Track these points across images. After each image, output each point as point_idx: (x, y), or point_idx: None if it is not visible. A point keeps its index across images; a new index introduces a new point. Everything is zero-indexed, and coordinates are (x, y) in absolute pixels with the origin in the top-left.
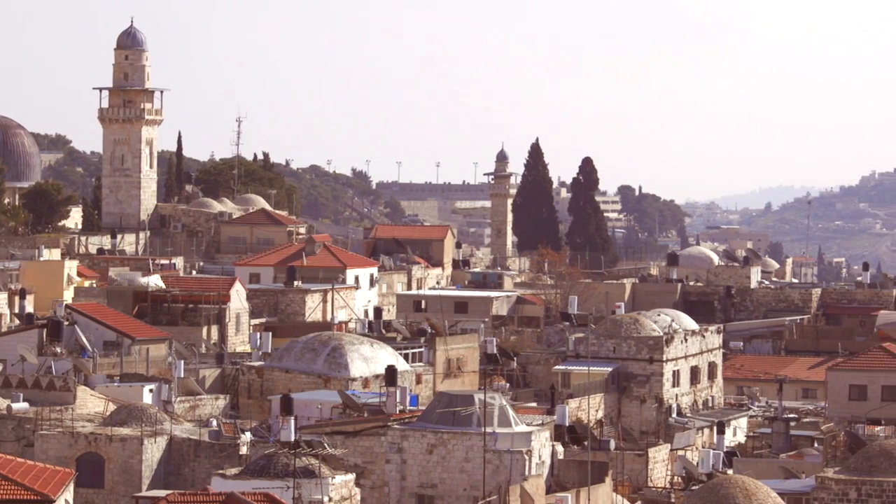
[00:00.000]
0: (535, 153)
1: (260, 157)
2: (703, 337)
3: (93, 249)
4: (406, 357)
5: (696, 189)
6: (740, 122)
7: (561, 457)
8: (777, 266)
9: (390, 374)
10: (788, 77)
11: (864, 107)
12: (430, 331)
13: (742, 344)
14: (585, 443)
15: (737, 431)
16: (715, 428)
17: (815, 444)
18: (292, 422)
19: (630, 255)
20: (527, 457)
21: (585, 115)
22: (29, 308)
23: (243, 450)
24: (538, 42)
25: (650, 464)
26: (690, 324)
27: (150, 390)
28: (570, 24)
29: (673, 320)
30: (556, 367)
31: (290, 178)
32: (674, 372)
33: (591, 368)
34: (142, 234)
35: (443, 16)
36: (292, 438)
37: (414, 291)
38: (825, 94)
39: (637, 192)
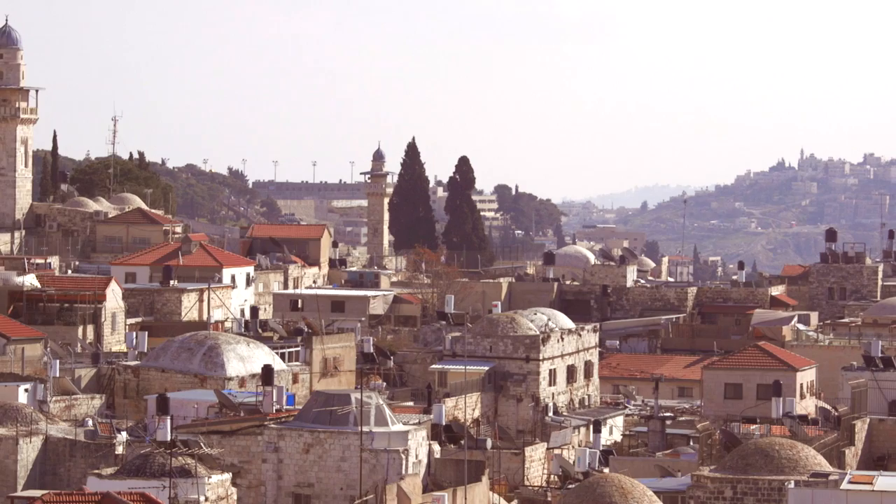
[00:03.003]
0: (412, 152)
1: (136, 156)
2: (580, 336)
3: None
4: (282, 356)
5: (572, 188)
6: (616, 121)
7: (437, 456)
8: (653, 265)
9: (267, 374)
10: (664, 76)
11: (740, 106)
12: (306, 330)
13: (618, 343)
14: (462, 442)
15: (613, 430)
16: (591, 426)
17: (691, 443)
18: (168, 421)
19: (506, 254)
20: (403, 456)
21: (462, 115)
22: None
23: (119, 449)
24: (415, 41)
25: (527, 462)
26: (567, 323)
27: (26, 390)
28: (447, 23)
29: (549, 319)
30: (433, 366)
31: (166, 178)
32: (550, 371)
33: (467, 367)
34: (17, 234)
35: (319, 15)
36: (168, 438)
37: (290, 291)
38: (701, 94)
39: (513, 192)
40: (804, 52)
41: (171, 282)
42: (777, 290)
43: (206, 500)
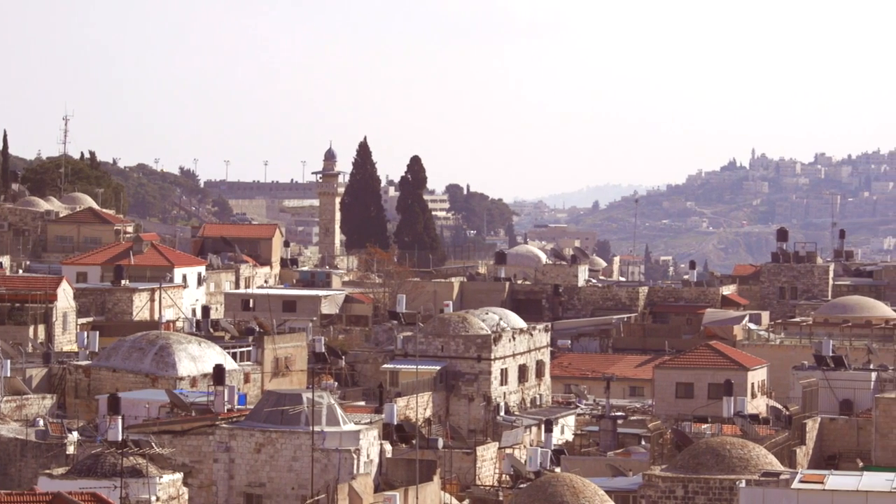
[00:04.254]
0: (363, 152)
1: (87, 155)
2: (531, 335)
3: None
4: (234, 356)
5: (523, 188)
6: (568, 121)
7: (389, 455)
8: (604, 264)
9: (218, 373)
10: (616, 76)
11: (691, 106)
12: (258, 329)
13: (570, 342)
14: (413, 441)
15: (564, 429)
16: (543, 426)
17: (643, 442)
18: (120, 421)
19: (458, 253)
20: (355, 455)
21: (413, 114)
22: None
23: (70, 449)
24: (366, 41)
25: (478, 462)
26: (518, 322)
27: None
28: (399, 22)
29: (501, 319)
30: (385, 365)
31: (117, 177)
32: (502, 370)
33: (419, 367)
34: None
35: (271, 15)
36: (120, 438)
37: (242, 290)
38: (652, 94)
39: (465, 191)
40: (756, 52)
41: (123, 281)
42: (728, 290)
43: (158, 499)
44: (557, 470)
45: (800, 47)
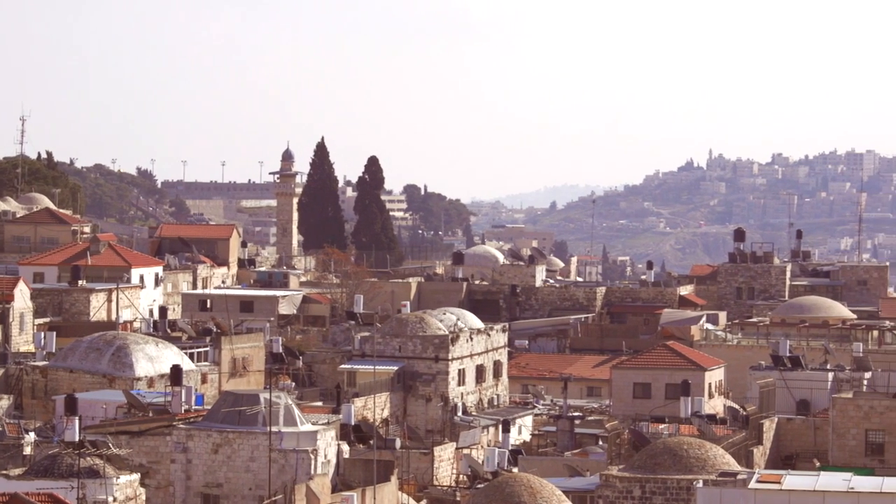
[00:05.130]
0: (321, 152)
1: (44, 155)
2: (489, 335)
3: None
4: (191, 356)
5: (481, 188)
6: (525, 121)
7: (347, 456)
8: (562, 265)
9: (175, 374)
10: (573, 77)
11: (649, 106)
12: (215, 330)
13: (527, 342)
14: (371, 442)
15: (522, 430)
16: (500, 426)
17: (600, 442)
18: (77, 422)
19: (416, 253)
20: (312, 456)
21: (371, 115)
22: None
23: (27, 450)
24: (323, 41)
25: (436, 462)
26: (476, 322)
27: None
28: (355, 23)
29: (458, 319)
30: (342, 366)
31: (74, 177)
32: (459, 370)
33: (376, 367)
34: None
35: (228, 14)
36: (77, 438)
37: (199, 291)
38: (609, 94)
39: (422, 192)
40: (712, 53)
41: (80, 282)
42: (685, 290)
43: (115, 500)
44: (515, 470)
45: (757, 48)
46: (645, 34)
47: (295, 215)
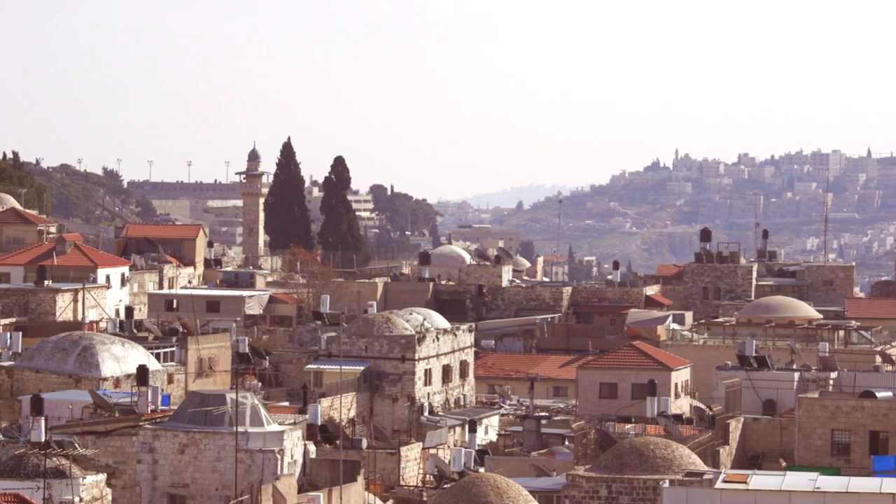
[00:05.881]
0: (287, 152)
1: (9, 155)
2: (455, 335)
3: None
4: (158, 356)
5: (447, 188)
6: (491, 121)
7: (313, 456)
8: (528, 265)
9: (142, 374)
10: (540, 76)
11: (615, 106)
12: (181, 330)
13: (493, 342)
14: (337, 442)
15: (488, 430)
16: (467, 426)
17: (566, 442)
18: (43, 422)
19: (382, 254)
20: (279, 456)
21: (337, 115)
22: None
23: None
24: (290, 41)
25: (402, 462)
26: (442, 322)
27: None
28: (322, 23)
29: (425, 319)
30: (309, 366)
31: (40, 177)
32: (426, 370)
33: (343, 367)
34: None
35: (194, 14)
36: (43, 439)
37: (165, 291)
38: (576, 94)
39: (389, 192)
40: (678, 53)
41: (46, 282)
42: (652, 290)
43: (81, 500)
44: (481, 470)
45: (722, 48)
46: (611, 35)
47: (261, 215)
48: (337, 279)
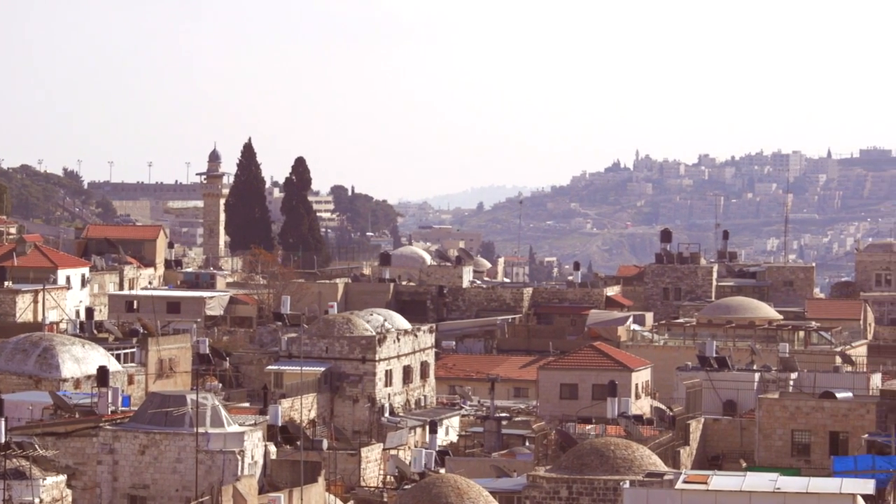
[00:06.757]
0: (248, 153)
1: None
2: (416, 336)
3: None
4: (118, 357)
5: (408, 189)
6: (452, 122)
7: (274, 457)
8: (489, 265)
9: (102, 375)
10: (499, 78)
11: (575, 107)
12: (142, 331)
13: (454, 343)
14: (298, 443)
15: (449, 430)
16: (427, 427)
17: (527, 443)
18: (2, 423)
19: (343, 254)
20: (239, 457)
21: (298, 116)
22: None
23: None
24: (251, 42)
25: (363, 463)
26: (403, 323)
27: None
28: (283, 24)
29: (385, 320)
30: (269, 366)
31: None
32: (386, 371)
33: (303, 368)
34: None
35: (154, 15)
36: (3, 440)
37: (126, 292)
38: (536, 95)
39: (350, 192)
40: (638, 54)
41: (6, 283)
42: (612, 291)
43: (41, 501)
44: (442, 471)
45: (682, 48)
46: (571, 36)
47: (222, 216)
48: (297, 280)
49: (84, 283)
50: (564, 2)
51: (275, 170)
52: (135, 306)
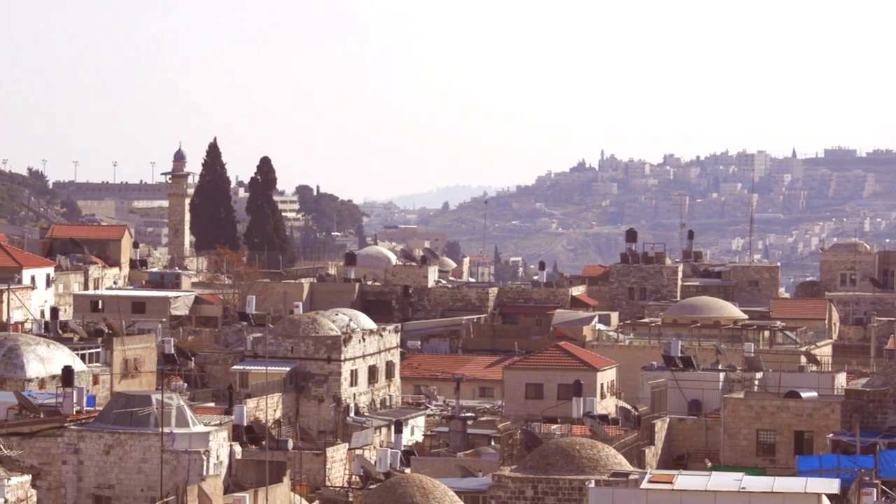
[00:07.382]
0: (213, 153)
1: None
2: (381, 336)
3: None
4: (83, 357)
5: (373, 189)
6: (417, 122)
7: (239, 457)
8: (454, 265)
9: (67, 375)
10: (464, 77)
11: (540, 107)
12: (107, 331)
13: (420, 343)
14: (263, 442)
15: (414, 430)
16: (393, 427)
17: (492, 443)
18: None
19: (308, 254)
20: (204, 457)
21: (263, 116)
22: None
23: None
24: (216, 42)
25: (328, 463)
26: (368, 323)
27: None
28: (247, 23)
29: (351, 320)
30: (234, 366)
31: None
32: (352, 371)
33: (269, 368)
34: None
35: (118, 14)
36: None
37: (91, 291)
38: (501, 94)
39: (315, 192)
40: (604, 54)
41: None
42: (578, 291)
43: (6, 501)
44: (407, 471)
45: (646, 48)
46: (535, 36)
47: (187, 216)
48: (263, 280)
49: (49, 282)
50: (530, 3)
51: (240, 169)
52: (100, 306)
